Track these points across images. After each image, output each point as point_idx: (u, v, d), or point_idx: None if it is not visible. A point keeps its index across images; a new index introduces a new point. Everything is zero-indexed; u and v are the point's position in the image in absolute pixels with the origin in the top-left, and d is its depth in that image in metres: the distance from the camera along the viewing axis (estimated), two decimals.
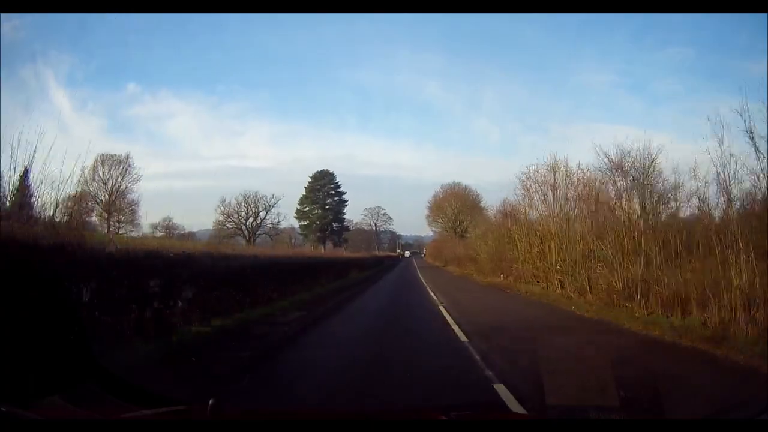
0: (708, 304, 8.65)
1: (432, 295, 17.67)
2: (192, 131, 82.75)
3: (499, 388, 5.25)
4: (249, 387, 5.48)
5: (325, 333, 9.88)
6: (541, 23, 65.21)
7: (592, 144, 25.21)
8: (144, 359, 5.73)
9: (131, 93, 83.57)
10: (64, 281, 5.36)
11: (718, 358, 6.92)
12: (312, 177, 69.07)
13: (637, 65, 66.49)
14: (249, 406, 4.45)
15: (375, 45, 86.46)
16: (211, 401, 1.94)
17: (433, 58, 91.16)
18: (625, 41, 62.96)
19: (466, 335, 8.69)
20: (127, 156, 43.08)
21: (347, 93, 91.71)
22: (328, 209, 67.48)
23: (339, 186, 69.06)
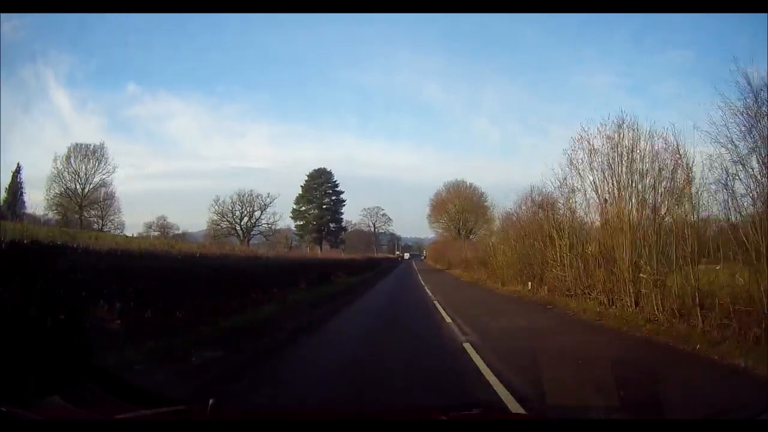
0: None
1: (445, 316, 11.70)
2: (192, 131, 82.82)
3: None
4: None
5: None
6: (541, 23, 65.31)
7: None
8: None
9: (131, 93, 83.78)
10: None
11: None
12: (309, 175, 66.27)
13: (637, 66, 66.48)
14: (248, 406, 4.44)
15: (375, 45, 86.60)
16: (211, 401, 1.94)
17: (433, 58, 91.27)
18: (625, 42, 62.98)
19: None
20: (102, 145, 40.64)
21: (347, 93, 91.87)
22: (325, 209, 65.03)
23: (337, 185, 66.45)
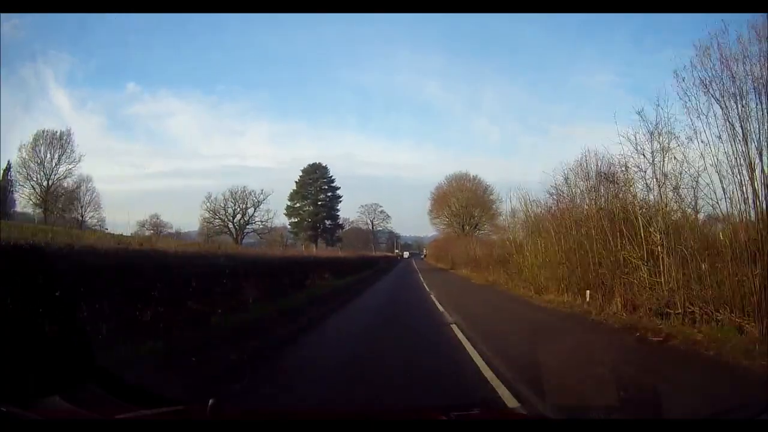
0: None
1: (480, 365, 6.29)
2: (191, 131, 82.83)
3: None
4: None
5: None
6: (541, 23, 65.26)
7: None
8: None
9: (131, 92, 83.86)
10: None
11: None
12: (303, 170, 63.31)
13: (637, 66, 66.41)
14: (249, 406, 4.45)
15: (375, 45, 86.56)
16: (211, 401, 1.94)
17: (433, 58, 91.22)
18: (625, 42, 62.89)
19: None
20: (68, 131, 37.06)
21: (347, 93, 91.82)
22: (320, 205, 62.10)
23: (332, 180, 63.39)
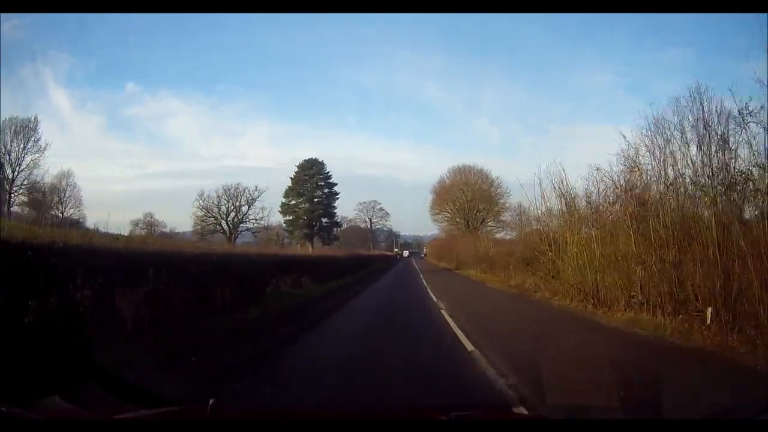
0: None
1: None
2: (191, 131, 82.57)
3: None
4: None
5: None
6: (541, 23, 64.95)
7: None
8: None
9: (131, 92, 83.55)
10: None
11: None
12: (299, 166, 59.90)
13: (637, 66, 66.29)
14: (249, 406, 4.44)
15: (375, 45, 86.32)
16: (211, 401, 1.94)
17: (433, 58, 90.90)
18: (625, 41, 62.72)
19: None
20: (34, 119, 33.17)
21: (347, 93, 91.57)
22: (316, 202, 59.11)
23: (329, 176, 60.27)
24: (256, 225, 49.29)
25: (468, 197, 48.94)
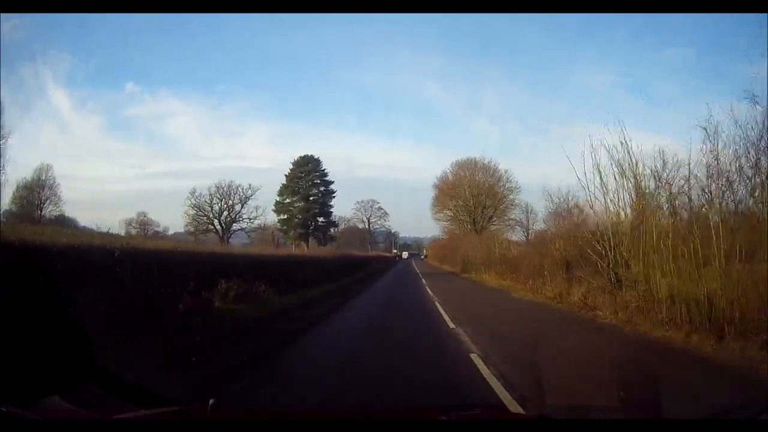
0: None
1: None
2: (191, 131, 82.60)
3: None
4: None
5: None
6: (541, 23, 65.03)
7: None
8: None
9: (130, 92, 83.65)
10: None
11: None
12: (294, 163, 57.26)
13: (637, 66, 66.29)
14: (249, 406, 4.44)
15: (375, 45, 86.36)
16: (211, 401, 1.94)
17: (433, 58, 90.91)
18: (625, 42, 62.74)
19: None
20: None
21: (347, 93, 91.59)
22: (312, 201, 56.72)
23: (326, 174, 57.83)
24: (249, 224, 47.69)
25: (474, 192, 44.75)
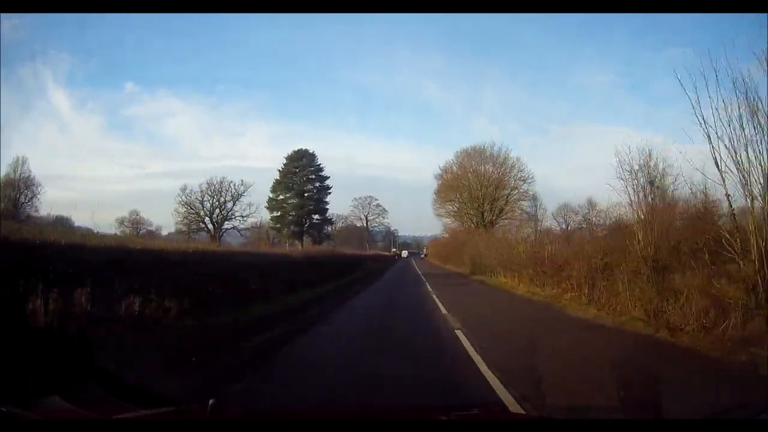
0: None
1: None
2: (191, 131, 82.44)
3: None
4: None
5: None
6: (541, 23, 64.94)
7: None
8: None
9: (130, 93, 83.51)
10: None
11: None
12: (287, 158, 54.14)
13: (637, 66, 66.24)
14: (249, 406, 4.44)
15: (375, 45, 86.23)
16: (211, 401, 1.94)
17: (433, 58, 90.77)
18: (625, 41, 62.70)
19: None
20: None
21: (347, 93, 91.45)
22: (306, 197, 53.81)
23: (321, 169, 54.61)
24: (242, 222, 45.59)
25: (484, 183, 39.72)
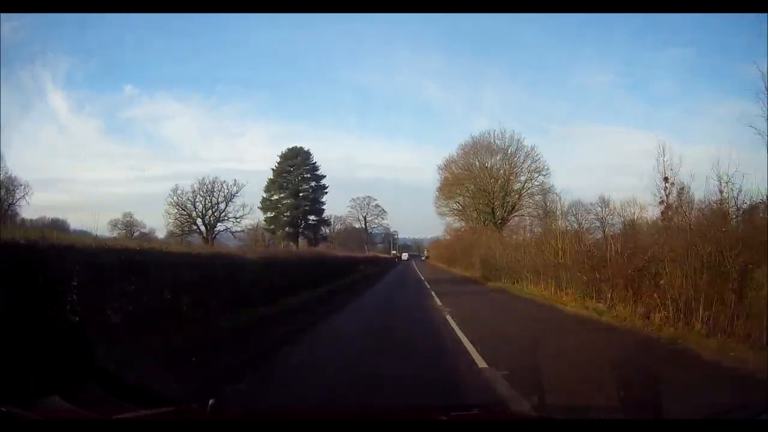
0: None
1: None
2: (191, 133, 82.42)
3: None
4: None
5: None
6: (541, 23, 64.87)
7: None
8: None
9: (129, 95, 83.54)
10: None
11: None
12: (281, 156, 51.77)
13: (637, 66, 66.25)
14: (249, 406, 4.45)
15: (375, 45, 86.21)
16: (211, 401, 1.94)
17: (433, 58, 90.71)
18: (625, 41, 62.67)
19: None
20: None
21: (347, 93, 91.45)
22: (302, 197, 51.71)
23: (317, 168, 52.18)
24: (236, 224, 44.32)
25: (495, 175, 35.01)
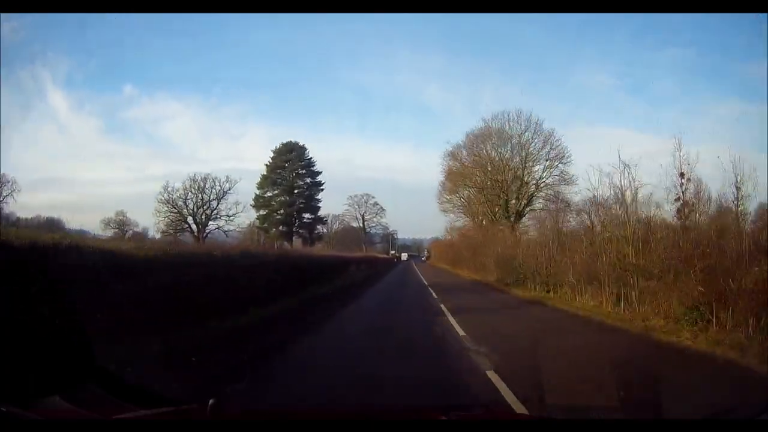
0: None
1: None
2: (190, 133, 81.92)
3: None
4: None
5: None
6: (541, 23, 64.69)
7: None
8: None
9: (129, 94, 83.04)
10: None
11: None
12: (275, 151, 49.03)
13: (637, 66, 66.13)
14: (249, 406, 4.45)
15: (375, 45, 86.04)
16: (211, 401, 1.94)
17: (433, 58, 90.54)
18: (625, 41, 62.60)
19: None
20: None
21: (347, 93, 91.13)
22: (296, 194, 49.20)
23: (312, 164, 49.50)
24: (228, 222, 42.08)
25: (510, 165, 29.67)
